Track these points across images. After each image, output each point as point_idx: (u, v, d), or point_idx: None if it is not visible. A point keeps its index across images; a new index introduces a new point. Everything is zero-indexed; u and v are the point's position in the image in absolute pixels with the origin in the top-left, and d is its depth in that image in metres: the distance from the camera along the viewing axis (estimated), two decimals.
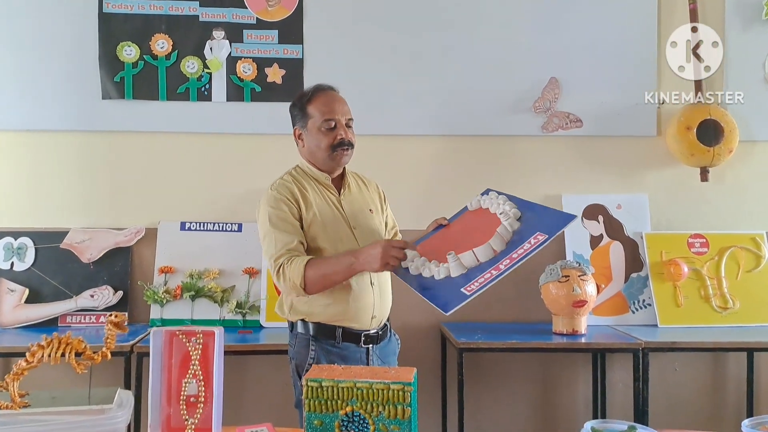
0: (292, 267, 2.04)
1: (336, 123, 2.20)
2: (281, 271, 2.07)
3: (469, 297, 1.81)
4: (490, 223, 2.06)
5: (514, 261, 1.86)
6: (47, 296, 3.21)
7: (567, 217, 1.99)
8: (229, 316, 3.22)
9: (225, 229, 3.35)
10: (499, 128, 3.45)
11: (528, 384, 3.47)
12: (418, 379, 1.45)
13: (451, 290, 1.89)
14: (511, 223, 2.00)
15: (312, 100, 2.23)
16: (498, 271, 1.84)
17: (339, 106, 2.23)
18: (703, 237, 3.40)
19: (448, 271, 1.94)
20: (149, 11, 3.34)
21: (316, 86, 2.28)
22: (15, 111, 3.32)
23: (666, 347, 3.02)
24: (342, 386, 1.42)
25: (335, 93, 2.27)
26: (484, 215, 2.19)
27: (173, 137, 3.38)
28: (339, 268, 2.06)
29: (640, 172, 3.51)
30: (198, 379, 1.55)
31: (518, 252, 1.88)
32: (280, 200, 2.16)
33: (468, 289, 1.84)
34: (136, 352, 2.79)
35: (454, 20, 3.43)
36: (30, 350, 1.47)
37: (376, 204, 2.40)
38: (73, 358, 1.47)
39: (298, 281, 2.03)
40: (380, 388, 1.41)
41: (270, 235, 2.13)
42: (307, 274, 2.03)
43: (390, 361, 2.31)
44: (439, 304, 1.88)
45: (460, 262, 1.93)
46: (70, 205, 3.35)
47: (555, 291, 3.02)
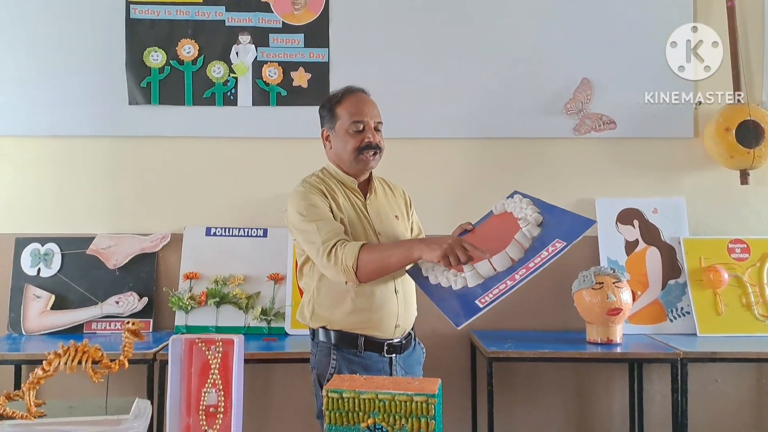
0: (346, 249, 1.98)
1: (364, 125, 2.16)
2: (333, 253, 1.99)
3: (481, 310, 1.78)
4: (511, 229, 2.02)
5: (530, 270, 1.81)
6: (73, 302, 3.22)
7: (585, 223, 1.91)
8: (254, 323, 3.20)
9: (250, 235, 3.34)
10: (530, 131, 3.41)
11: (561, 395, 3.39)
12: (443, 390, 1.39)
13: (466, 301, 1.85)
14: (530, 230, 1.94)
15: (341, 102, 2.20)
16: (513, 282, 1.80)
17: (368, 108, 2.19)
18: (744, 242, 3.32)
19: (465, 281, 1.90)
20: (176, 16, 3.35)
21: (346, 88, 2.25)
22: (41, 117, 3.34)
23: (706, 358, 2.95)
24: (363, 397, 1.39)
25: (365, 95, 2.24)
26: (507, 220, 2.14)
27: (199, 142, 3.38)
28: (397, 251, 1.99)
29: (676, 174, 3.44)
30: (218, 388, 1.54)
31: (535, 261, 1.83)
32: (313, 194, 2.12)
33: (481, 301, 1.80)
34: (158, 360, 2.78)
35: (483, 22, 3.40)
36: (47, 359, 1.45)
37: (402, 210, 2.36)
38: (90, 366, 1.45)
39: (350, 262, 1.95)
40: (403, 400, 1.38)
41: (309, 225, 2.06)
42: (361, 255, 1.96)
43: (415, 371, 2.26)
44: (451, 317, 1.85)
45: (476, 271, 1.89)
46: (96, 211, 3.36)
47: (589, 298, 2.95)
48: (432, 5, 3.39)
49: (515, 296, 1.80)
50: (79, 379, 1.62)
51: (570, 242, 1.82)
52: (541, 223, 1.98)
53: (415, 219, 2.43)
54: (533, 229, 1.95)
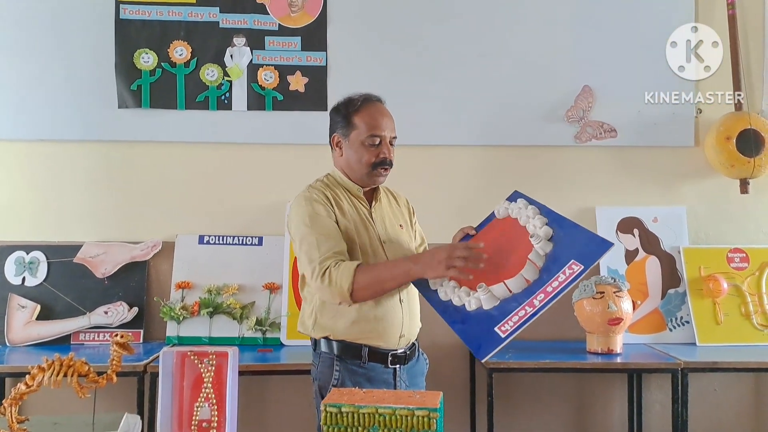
0: (341, 270, 1.94)
1: (381, 140, 2.13)
2: (327, 274, 1.96)
3: (504, 341, 1.77)
4: (519, 241, 2.00)
5: (549, 296, 1.80)
6: (60, 313, 3.15)
7: (603, 245, 1.87)
8: (249, 334, 3.15)
9: (245, 243, 3.29)
10: (531, 138, 3.40)
11: (561, 406, 3.38)
12: (444, 403, 1.37)
13: (485, 328, 1.84)
14: (542, 247, 1.92)
15: (360, 111, 2.15)
16: (533, 308, 1.80)
17: (387, 122, 2.16)
18: (743, 251, 3.33)
19: (480, 302, 1.89)
20: (168, 17, 3.29)
21: (365, 96, 2.19)
22: (27, 120, 3.28)
23: (707, 368, 2.96)
24: (363, 412, 1.37)
25: (384, 107, 2.21)
26: (512, 227, 2.12)
27: (192, 147, 3.34)
28: (395, 273, 1.98)
29: (677, 183, 3.45)
30: (211, 402, 1.51)
31: (553, 285, 1.82)
32: (317, 202, 2.09)
33: (502, 330, 1.79)
34: (149, 372, 2.72)
35: (484, 28, 3.38)
36: (30, 373, 1.40)
37: (406, 219, 2.34)
38: (76, 381, 1.40)
39: (346, 285, 1.92)
40: (404, 414, 1.36)
41: (310, 237, 2.03)
42: (357, 278, 1.93)
43: (418, 382, 2.23)
44: (473, 347, 1.85)
45: (491, 294, 1.88)
46: (84, 218, 3.31)
47: (589, 308, 2.93)
48: (433, 11, 3.37)
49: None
50: (65, 393, 1.57)
51: (588, 266, 1.80)
52: (551, 237, 1.95)
53: (418, 229, 2.40)
54: (545, 245, 1.93)
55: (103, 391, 1.43)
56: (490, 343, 1.78)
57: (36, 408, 2.95)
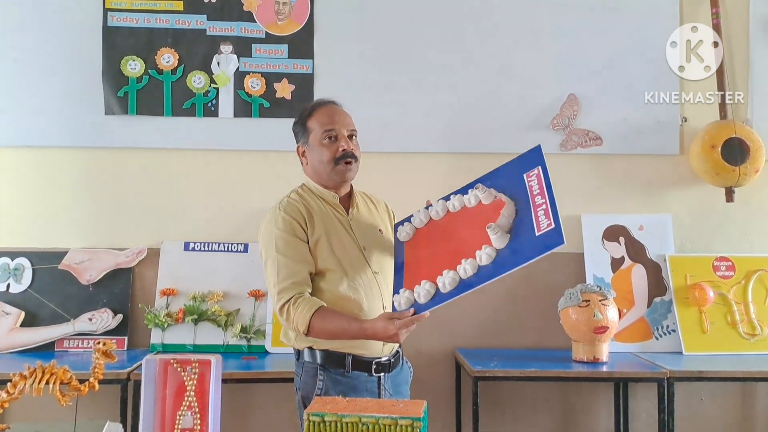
0: (298, 312, 1.97)
1: (337, 134, 2.13)
2: (285, 311, 2.00)
3: (558, 228, 1.76)
4: (465, 225, 2.07)
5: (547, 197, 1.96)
6: (44, 319, 3.13)
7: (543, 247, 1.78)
8: (233, 341, 3.13)
9: (230, 250, 3.28)
10: (516, 146, 3.25)
11: (547, 414, 3.36)
12: (428, 411, 1.34)
13: (526, 240, 1.82)
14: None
15: (312, 114, 2.18)
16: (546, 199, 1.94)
17: (340, 117, 2.17)
18: (729, 260, 3.32)
19: (480, 260, 1.85)
20: (155, 25, 3.29)
21: (317, 101, 2.25)
22: (13, 126, 3.26)
23: (693, 377, 2.93)
24: (346, 421, 1.36)
25: (336, 106, 2.21)
26: (452, 219, 2.17)
27: (178, 154, 3.33)
28: (349, 331, 1.97)
29: (662, 191, 3.44)
30: (193, 411, 1.49)
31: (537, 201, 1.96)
32: (287, 221, 2.08)
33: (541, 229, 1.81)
34: (133, 380, 2.69)
35: (469, 36, 3.39)
36: (11, 380, 1.38)
37: (386, 223, 2.33)
38: (58, 389, 1.38)
39: (302, 328, 1.97)
40: (387, 424, 1.35)
41: (274, 260, 2.06)
42: (312, 324, 1.96)
43: (402, 390, 2.21)
44: (539, 250, 1.75)
45: (501, 232, 1.86)
46: (69, 224, 3.28)
47: (575, 316, 2.93)
48: (419, 20, 3.37)
49: (501, 314, 1.77)
50: (47, 400, 1.54)
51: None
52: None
53: None
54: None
55: (86, 398, 1.42)
56: (553, 238, 1.75)
57: (13, 417, 2.93)
